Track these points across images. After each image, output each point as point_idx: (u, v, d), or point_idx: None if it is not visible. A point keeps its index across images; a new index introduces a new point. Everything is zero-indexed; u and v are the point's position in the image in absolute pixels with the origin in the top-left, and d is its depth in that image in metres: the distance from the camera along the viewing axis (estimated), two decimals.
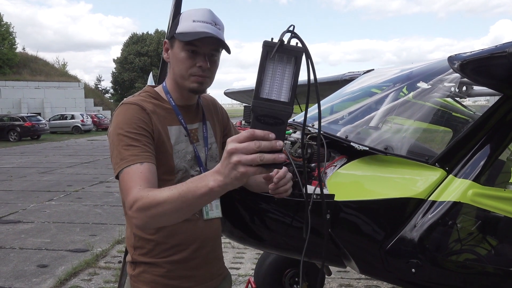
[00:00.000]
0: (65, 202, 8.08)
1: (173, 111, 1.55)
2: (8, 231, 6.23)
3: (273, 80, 0.99)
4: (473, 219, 1.99)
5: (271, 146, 0.95)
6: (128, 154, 1.34)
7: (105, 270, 4.71)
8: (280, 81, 0.99)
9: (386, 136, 2.33)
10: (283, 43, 0.98)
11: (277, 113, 0.98)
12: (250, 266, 4.72)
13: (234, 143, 0.96)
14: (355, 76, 3.65)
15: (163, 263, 1.54)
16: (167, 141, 1.49)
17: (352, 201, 1.93)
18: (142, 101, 1.50)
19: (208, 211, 1.59)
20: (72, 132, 29.98)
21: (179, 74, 1.50)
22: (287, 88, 0.99)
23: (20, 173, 11.92)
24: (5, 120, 24.99)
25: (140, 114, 1.43)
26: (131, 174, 1.31)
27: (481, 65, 1.93)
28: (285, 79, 0.99)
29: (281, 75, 0.99)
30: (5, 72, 36.54)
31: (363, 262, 2.00)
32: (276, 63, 0.99)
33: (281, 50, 0.98)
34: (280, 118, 0.99)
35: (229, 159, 0.97)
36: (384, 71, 3.24)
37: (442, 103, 2.64)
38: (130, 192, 1.27)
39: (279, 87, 0.99)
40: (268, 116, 0.98)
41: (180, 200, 1.12)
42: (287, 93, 0.99)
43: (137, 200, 1.22)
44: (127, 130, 1.39)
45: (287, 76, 0.99)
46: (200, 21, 1.45)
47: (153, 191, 1.23)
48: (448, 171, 1.97)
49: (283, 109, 0.98)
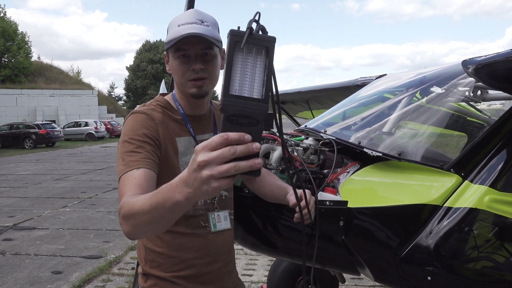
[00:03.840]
0: (79, 209, 8.16)
1: (183, 121, 1.53)
2: (24, 238, 6.31)
3: (243, 74, 0.87)
4: (490, 226, 1.95)
5: (247, 150, 0.81)
6: (129, 160, 1.33)
7: (118, 276, 4.73)
8: (252, 76, 0.87)
9: (400, 142, 2.30)
10: (252, 32, 0.85)
11: (251, 111, 0.86)
12: (263, 273, 4.69)
13: (204, 153, 0.81)
14: (367, 81, 3.63)
15: (173, 277, 1.51)
16: (173, 153, 1.47)
17: (365, 208, 1.91)
18: (152, 110, 1.49)
19: (215, 223, 1.54)
20: (86, 139, 30.34)
21: (179, 83, 1.49)
22: (260, 83, 0.87)
23: (35, 180, 12.08)
24: (20, 128, 25.41)
25: (147, 123, 1.42)
26: (127, 179, 1.28)
27: (496, 69, 1.90)
28: (256, 73, 0.87)
29: (251, 68, 0.87)
30: (20, 80, 37.19)
31: (377, 269, 1.97)
32: (246, 55, 0.87)
33: (250, 40, 0.85)
34: (254, 117, 0.86)
35: (199, 172, 0.82)
36: (396, 76, 3.21)
37: (457, 108, 2.61)
38: (121, 198, 1.22)
39: (250, 83, 0.87)
40: (240, 115, 0.85)
41: (152, 213, 1.02)
42: (260, 88, 0.87)
43: (121, 208, 1.14)
44: (132, 137, 1.38)
45: (258, 69, 0.88)
46: (184, 23, 1.40)
47: (134, 198, 1.14)
48: (463, 177, 1.93)
49: (257, 107, 0.86)
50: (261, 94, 0.87)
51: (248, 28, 0.85)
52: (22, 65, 37.62)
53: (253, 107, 0.86)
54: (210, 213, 1.55)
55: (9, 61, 37.74)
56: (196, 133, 1.53)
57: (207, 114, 1.61)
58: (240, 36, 0.84)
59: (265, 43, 0.86)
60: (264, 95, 0.87)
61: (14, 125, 25.96)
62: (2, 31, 36.51)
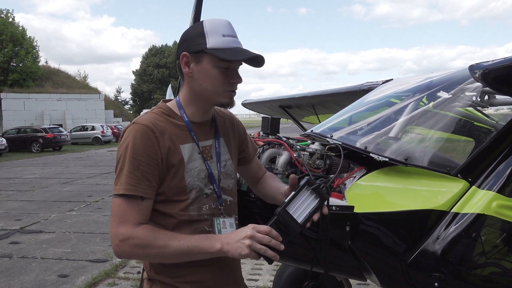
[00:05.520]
0: (85, 212, 8.19)
1: (186, 128, 1.52)
2: (30, 241, 6.34)
3: (301, 204, 1.39)
4: (497, 232, 1.93)
5: (277, 246, 1.31)
6: (130, 181, 1.38)
7: (124, 280, 4.74)
8: (305, 208, 1.38)
9: (406, 147, 2.29)
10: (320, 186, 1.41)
11: (292, 228, 1.35)
12: (269, 277, 4.68)
13: (254, 231, 1.31)
14: (373, 86, 3.62)
15: (179, 283, 1.51)
16: (178, 161, 1.46)
17: (372, 213, 1.90)
18: (155, 119, 1.48)
19: (220, 229, 1.54)
20: (93, 143, 30.52)
21: (213, 91, 1.47)
22: (306, 215, 1.38)
23: (42, 183, 12.16)
24: (28, 132, 25.61)
25: (148, 140, 1.42)
26: (129, 205, 1.38)
27: (503, 73, 1.89)
28: (308, 208, 1.39)
29: (307, 204, 1.39)
30: (28, 85, 37.51)
31: (384, 275, 1.96)
32: (308, 194, 1.40)
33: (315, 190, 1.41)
34: (290, 232, 1.35)
35: (244, 240, 1.30)
36: (403, 80, 3.20)
37: (464, 113, 2.59)
38: (123, 224, 1.36)
39: (302, 211, 1.38)
40: (285, 226, 1.35)
41: (187, 252, 1.36)
42: (304, 218, 1.37)
43: (132, 238, 1.34)
44: (133, 156, 1.40)
45: (310, 207, 1.39)
46: (228, 35, 1.43)
47: (154, 233, 1.37)
48: (471, 182, 1.92)
49: (296, 228, 1.36)
50: (302, 221, 1.37)
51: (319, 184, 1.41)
52: (30, 70, 37.95)
53: (294, 226, 1.36)
54: (216, 218, 1.54)
55: (17, 65, 38.09)
56: (199, 139, 1.53)
57: (210, 120, 1.62)
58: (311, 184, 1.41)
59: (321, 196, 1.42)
60: (303, 222, 1.37)
61: (21, 129, 26.18)
62: (11, 36, 36.86)
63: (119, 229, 1.36)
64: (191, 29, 1.50)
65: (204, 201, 1.51)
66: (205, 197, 1.51)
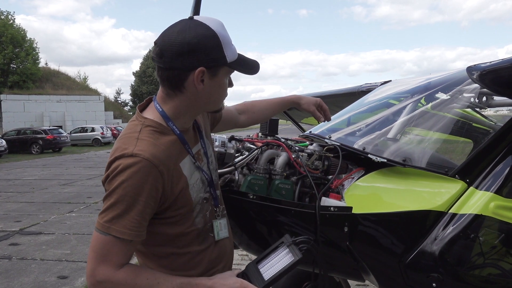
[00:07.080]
0: (85, 214, 8.20)
1: (179, 142, 1.40)
2: (30, 243, 6.34)
3: (275, 261, 1.40)
4: (495, 232, 1.94)
5: None
6: (126, 224, 1.24)
7: None
8: (277, 265, 1.39)
9: (405, 148, 2.30)
10: (295, 244, 1.42)
11: (255, 283, 1.36)
12: None
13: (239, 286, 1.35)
14: (372, 87, 3.63)
15: None
16: (183, 183, 1.37)
17: (370, 214, 1.91)
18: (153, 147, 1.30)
19: (218, 232, 1.51)
20: (92, 144, 30.51)
21: (217, 101, 1.42)
22: (275, 274, 1.38)
23: (41, 185, 12.16)
24: (28, 133, 25.62)
25: (151, 178, 1.27)
26: (114, 245, 1.24)
27: (501, 75, 1.89)
28: (280, 266, 1.39)
29: (281, 262, 1.40)
30: (28, 86, 37.58)
31: (382, 276, 1.97)
32: (286, 252, 1.41)
33: (291, 248, 1.42)
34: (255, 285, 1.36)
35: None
36: (401, 82, 3.21)
37: (462, 114, 2.60)
38: (104, 264, 1.24)
39: (273, 268, 1.39)
40: (250, 280, 1.38)
41: None
42: (271, 276, 1.37)
43: (111, 281, 1.25)
44: (132, 196, 1.25)
45: (282, 265, 1.39)
46: (231, 42, 1.35)
47: (136, 277, 1.27)
48: (468, 183, 1.92)
49: (259, 284, 1.36)
50: (269, 279, 1.37)
51: (294, 242, 1.44)
52: (30, 71, 38.02)
53: (258, 282, 1.36)
54: (214, 221, 1.52)
55: (17, 67, 38.15)
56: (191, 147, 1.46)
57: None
58: (290, 243, 1.43)
59: (298, 256, 1.40)
60: (268, 282, 1.37)
61: (21, 131, 26.18)
62: (11, 37, 36.92)
63: (99, 268, 1.24)
64: (204, 39, 1.28)
65: (206, 207, 1.48)
66: (205, 202, 1.48)
